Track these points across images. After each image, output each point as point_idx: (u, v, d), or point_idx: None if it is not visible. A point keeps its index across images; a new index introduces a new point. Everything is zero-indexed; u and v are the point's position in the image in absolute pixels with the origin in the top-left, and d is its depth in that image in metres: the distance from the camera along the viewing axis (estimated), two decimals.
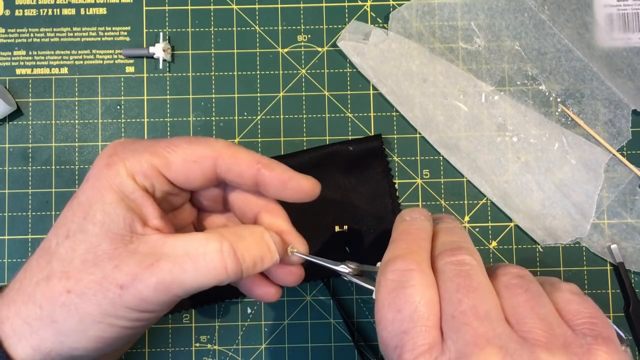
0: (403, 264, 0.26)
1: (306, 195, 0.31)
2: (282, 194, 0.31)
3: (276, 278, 0.33)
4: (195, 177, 0.30)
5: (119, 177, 0.28)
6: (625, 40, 0.45)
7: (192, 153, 0.29)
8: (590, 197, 0.44)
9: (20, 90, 0.45)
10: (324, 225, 0.43)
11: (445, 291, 0.26)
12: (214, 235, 0.28)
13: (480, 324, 0.24)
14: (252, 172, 0.30)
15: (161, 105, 0.45)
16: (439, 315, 0.25)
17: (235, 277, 0.28)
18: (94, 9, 0.46)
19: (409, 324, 0.25)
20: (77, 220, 0.28)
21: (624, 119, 0.44)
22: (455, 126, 0.45)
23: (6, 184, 0.44)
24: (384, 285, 0.27)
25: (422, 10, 0.45)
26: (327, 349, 0.43)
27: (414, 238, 0.29)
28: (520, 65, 0.45)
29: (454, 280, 0.26)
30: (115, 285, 0.26)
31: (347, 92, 0.45)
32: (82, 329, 0.27)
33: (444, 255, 0.27)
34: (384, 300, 0.26)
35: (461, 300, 0.25)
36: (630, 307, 0.42)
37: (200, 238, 0.28)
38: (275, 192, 0.31)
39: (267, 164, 0.30)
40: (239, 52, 0.45)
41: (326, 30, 0.46)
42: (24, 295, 0.27)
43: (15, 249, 0.44)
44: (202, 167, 0.29)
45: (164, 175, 0.29)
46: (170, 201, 0.31)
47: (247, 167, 0.30)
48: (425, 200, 0.44)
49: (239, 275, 0.28)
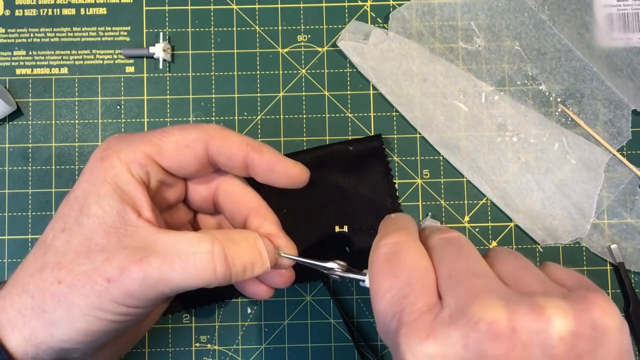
0: (394, 237, 0.27)
1: (294, 181, 0.31)
2: (270, 178, 0.31)
3: (266, 280, 0.33)
4: (189, 162, 0.30)
5: (113, 169, 0.28)
6: (625, 40, 0.45)
7: (183, 138, 0.29)
8: (590, 197, 0.44)
9: (20, 90, 0.45)
10: (324, 225, 0.43)
11: (439, 259, 0.26)
12: (206, 236, 0.28)
13: (478, 280, 0.24)
14: (242, 155, 0.30)
15: (161, 105, 0.45)
16: (435, 280, 0.25)
17: (223, 281, 0.28)
18: (94, 9, 0.46)
19: (407, 289, 0.24)
20: (73, 214, 0.28)
21: (624, 119, 0.44)
22: (455, 126, 0.45)
23: (6, 184, 0.44)
24: (378, 258, 0.27)
25: (422, 10, 0.45)
26: (327, 349, 0.43)
27: (401, 220, 0.29)
28: (520, 65, 0.45)
29: (447, 249, 0.26)
30: (103, 278, 0.26)
31: (347, 92, 0.45)
32: (70, 321, 0.27)
33: (434, 235, 0.27)
34: (379, 271, 0.26)
35: (456, 262, 0.25)
36: (630, 307, 0.42)
37: (192, 237, 0.28)
38: (263, 176, 0.31)
39: (257, 147, 0.30)
40: (239, 52, 0.45)
41: (326, 30, 0.46)
42: (18, 286, 0.27)
43: (15, 249, 0.44)
44: (194, 151, 0.29)
45: (157, 162, 0.29)
46: (166, 195, 0.31)
47: (238, 150, 0.30)
48: (425, 200, 0.44)
49: (228, 279, 0.28)
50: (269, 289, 0.33)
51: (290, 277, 0.33)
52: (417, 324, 0.23)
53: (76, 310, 0.26)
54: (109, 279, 0.26)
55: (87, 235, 0.27)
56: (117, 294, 0.26)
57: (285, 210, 0.43)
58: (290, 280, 0.33)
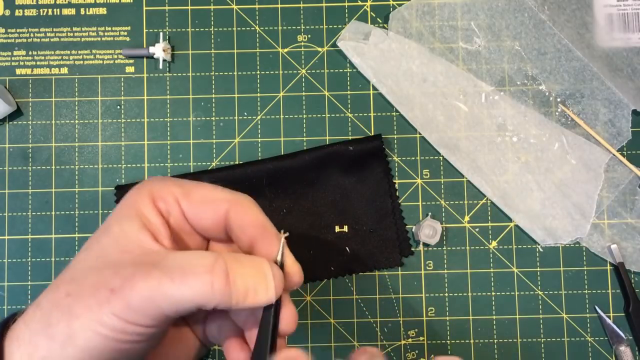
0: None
1: (290, 285, 0.31)
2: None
3: None
4: (207, 214, 0.30)
5: (141, 199, 0.30)
6: (625, 40, 0.45)
7: (210, 193, 0.30)
8: (590, 197, 0.44)
9: (20, 90, 0.45)
10: (323, 225, 0.43)
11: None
12: (212, 252, 0.28)
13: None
14: (252, 233, 0.30)
15: (161, 105, 0.45)
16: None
17: (221, 299, 0.27)
18: (94, 9, 0.46)
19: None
20: (96, 235, 0.29)
21: (624, 119, 0.44)
22: (455, 126, 0.45)
23: (6, 184, 0.44)
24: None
25: (422, 10, 0.45)
26: (327, 349, 0.43)
27: None
28: (520, 65, 0.45)
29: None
30: (106, 289, 0.26)
31: (347, 92, 0.45)
32: (70, 335, 0.26)
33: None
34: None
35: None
36: (630, 307, 0.42)
37: (197, 253, 0.28)
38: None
39: (269, 234, 0.30)
40: (239, 52, 0.45)
41: (326, 30, 0.46)
42: (34, 303, 0.28)
43: (15, 249, 0.44)
44: (216, 209, 0.30)
45: (180, 206, 0.30)
46: (181, 238, 0.32)
47: (253, 227, 0.30)
48: (425, 200, 0.44)
49: (227, 299, 0.27)
50: None
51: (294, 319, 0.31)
52: None
53: (76, 323, 0.26)
54: (112, 290, 0.26)
55: (103, 252, 0.28)
56: (117, 305, 0.26)
57: (285, 210, 0.43)
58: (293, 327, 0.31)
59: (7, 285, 0.43)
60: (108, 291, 0.26)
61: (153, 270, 0.26)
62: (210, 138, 0.45)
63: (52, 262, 0.44)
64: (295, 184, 0.43)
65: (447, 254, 0.44)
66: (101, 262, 0.28)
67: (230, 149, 0.45)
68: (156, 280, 0.26)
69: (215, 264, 0.27)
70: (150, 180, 0.31)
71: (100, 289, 0.26)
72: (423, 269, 0.44)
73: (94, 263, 0.28)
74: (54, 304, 0.27)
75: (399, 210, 0.44)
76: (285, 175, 0.43)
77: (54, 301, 0.27)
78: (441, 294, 0.44)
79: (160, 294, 0.26)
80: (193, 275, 0.26)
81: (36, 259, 0.44)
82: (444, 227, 0.44)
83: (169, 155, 0.45)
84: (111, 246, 0.28)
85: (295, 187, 0.43)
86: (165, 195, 0.30)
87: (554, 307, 0.44)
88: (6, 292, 0.43)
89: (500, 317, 0.43)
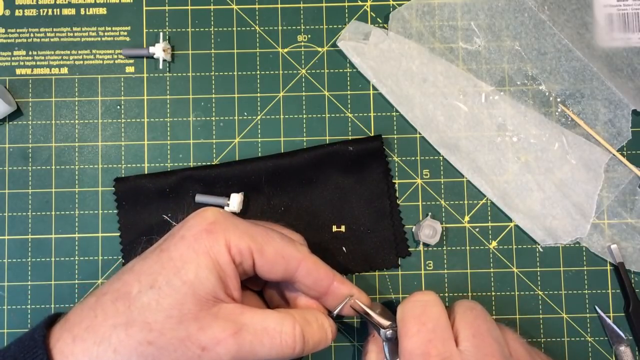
0: (425, 296, 0.34)
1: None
2: (331, 303, 0.35)
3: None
4: (278, 270, 0.33)
5: (218, 247, 0.30)
6: (625, 40, 0.45)
7: (282, 250, 0.33)
8: (590, 197, 0.44)
9: (20, 90, 0.45)
10: (321, 224, 0.43)
11: (462, 318, 0.33)
12: (287, 317, 0.32)
13: (495, 344, 0.32)
14: (328, 281, 0.34)
15: (161, 105, 0.45)
16: (453, 333, 0.32)
17: (297, 356, 0.31)
18: (94, 9, 0.46)
19: (431, 334, 0.32)
20: (165, 273, 0.30)
21: (624, 119, 0.44)
22: (455, 126, 0.45)
23: (6, 184, 0.44)
24: (409, 306, 0.34)
25: (422, 10, 0.45)
26: (328, 349, 0.43)
27: (430, 292, 0.36)
28: (520, 65, 0.45)
29: (470, 313, 0.34)
30: (197, 346, 0.28)
31: (347, 92, 0.45)
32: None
33: (459, 304, 0.35)
34: (409, 316, 0.33)
35: (480, 325, 0.33)
36: (630, 307, 0.42)
37: (277, 317, 0.31)
38: (333, 305, 0.35)
39: (340, 278, 0.35)
40: (239, 52, 0.45)
41: (326, 30, 0.46)
42: (96, 335, 0.28)
43: (15, 249, 0.44)
44: (287, 263, 0.33)
45: (254, 259, 0.32)
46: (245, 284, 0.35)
47: (325, 276, 0.34)
48: (425, 200, 0.44)
49: (300, 355, 0.31)
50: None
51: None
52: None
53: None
54: (203, 348, 0.28)
55: (179, 299, 0.29)
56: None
57: (282, 208, 0.43)
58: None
59: (7, 285, 0.43)
60: (199, 348, 0.28)
61: (242, 331, 0.29)
62: (210, 138, 0.45)
63: (52, 262, 0.44)
64: (294, 182, 0.43)
65: (447, 254, 0.44)
66: (179, 311, 0.29)
67: (230, 149, 0.45)
68: (248, 342, 0.29)
69: (294, 330, 0.31)
70: (220, 221, 0.31)
71: (189, 345, 0.28)
72: (423, 269, 0.44)
73: (171, 312, 0.29)
74: (133, 350, 0.28)
75: (397, 212, 0.44)
76: (284, 173, 0.43)
77: (131, 346, 0.28)
78: (441, 294, 0.44)
79: (249, 353, 0.30)
80: (281, 341, 0.30)
81: (36, 259, 0.44)
82: (444, 227, 0.44)
83: (169, 155, 0.45)
84: (188, 295, 0.29)
85: (294, 185, 0.43)
86: (241, 248, 0.31)
87: (554, 307, 0.44)
88: (6, 292, 0.43)
89: (500, 317, 0.43)
